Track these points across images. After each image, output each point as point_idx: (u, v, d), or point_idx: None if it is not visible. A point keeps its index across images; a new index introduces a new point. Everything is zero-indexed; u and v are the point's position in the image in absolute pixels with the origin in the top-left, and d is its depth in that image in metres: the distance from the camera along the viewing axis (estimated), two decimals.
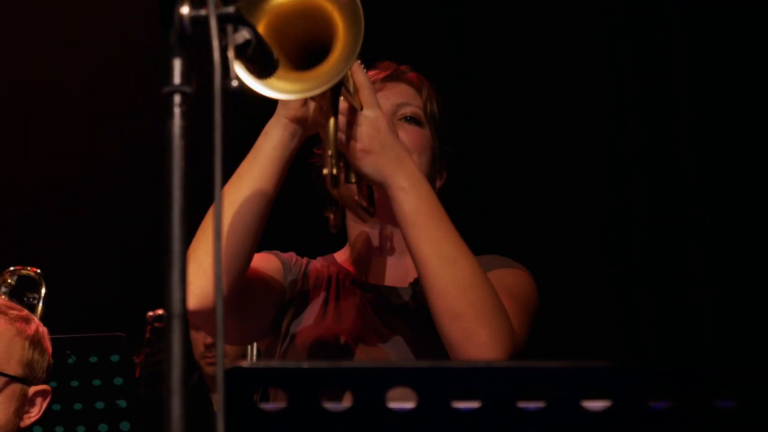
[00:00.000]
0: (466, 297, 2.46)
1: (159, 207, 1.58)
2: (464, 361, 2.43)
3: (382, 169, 2.52)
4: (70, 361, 3.91)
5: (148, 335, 4.99)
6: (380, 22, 4.72)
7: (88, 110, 5.47)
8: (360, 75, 2.53)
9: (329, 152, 2.44)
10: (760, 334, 3.65)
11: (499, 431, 1.59)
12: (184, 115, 1.59)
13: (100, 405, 3.93)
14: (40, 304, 4.53)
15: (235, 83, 1.63)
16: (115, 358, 3.92)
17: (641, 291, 4.11)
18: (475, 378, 1.61)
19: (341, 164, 2.51)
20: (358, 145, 2.50)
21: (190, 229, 1.58)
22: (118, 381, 3.93)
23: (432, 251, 2.50)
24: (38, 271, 4.60)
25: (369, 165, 2.51)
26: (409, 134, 2.84)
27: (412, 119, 2.87)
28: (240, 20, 1.77)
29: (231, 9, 1.67)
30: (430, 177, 2.86)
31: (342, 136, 2.50)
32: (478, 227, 4.74)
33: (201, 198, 1.62)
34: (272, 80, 2.31)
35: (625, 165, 4.26)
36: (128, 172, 5.25)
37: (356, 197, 2.63)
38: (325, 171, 2.44)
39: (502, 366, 1.65)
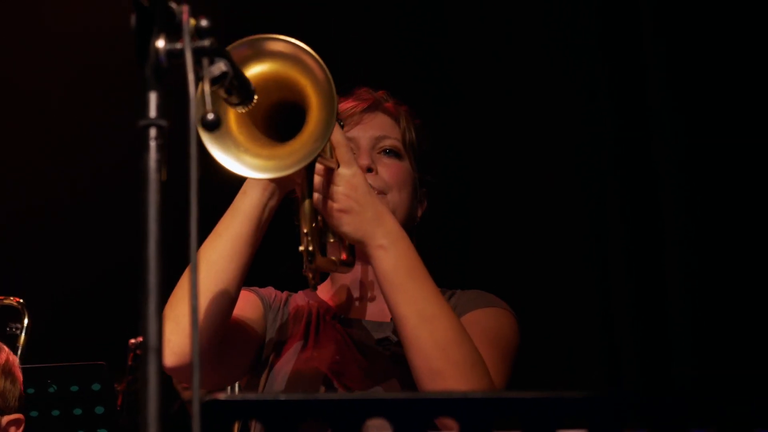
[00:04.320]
0: (445, 356, 2.47)
1: (138, 238, 1.59)
2: (440, 391, 2.44)
3: (361, 228, 2.51)
4: (51, 390, 3.90)
5: (130, 363, 4.99)
6: (358, 43, 4.78)
7: (70, 140, 5.46)
8: (336, 133, 2.49)
9: (305, 230, 2.45)
10: (739, 359, 3.67)
11: None
12: (160, 148, 1.60)
13: None
14: (23, 334, 4.53)
15: (211, 116, 1.64)
16: (96, 387, 3.91)
17: (618, 319, 4.14)
18: (451, 408, 1.62)
19: (316, 230, 2.52)
20: (336, 205, 2.50)
21: (165, 261, 1.59)
22: (99, 410, 3.92)
23: (411, 310, 2.51)
24: (21, 300, 4.60)
25: (347, 224, 2.51)
26: (389, 169, 2.85)
27: (391, 152, 2.87)
28: (216, 53, 1.78)
29: (206, 42, 1.68)
30: (411, 209, 2.87)
31: (319, 196, 2.50)
32: (458, 255, 4.77)
33: (178, 232, 1.62)
34: (246, 157, 2.34)
35: (601, 186, 4.29)
36: (109, 201, 5.25)
37: (333, 260, 2.63)
38: (301, 248, 2.44)
39: (477, 396, 1.65)
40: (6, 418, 3.06)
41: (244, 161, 2.36)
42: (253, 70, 2.32)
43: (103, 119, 5.23)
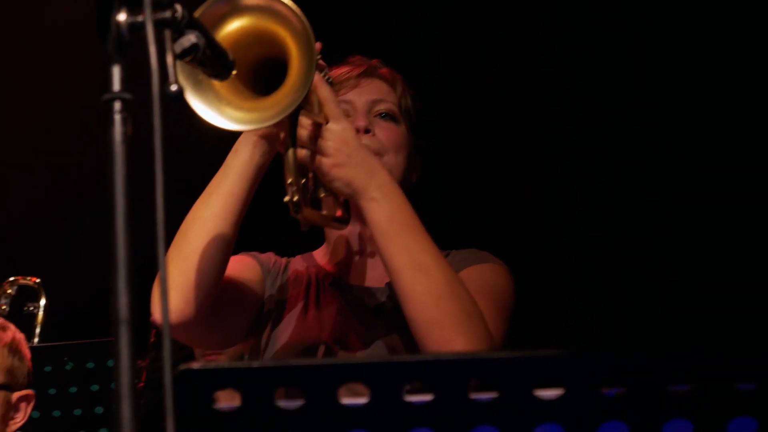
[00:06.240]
0: (441, 306, 2.47)
1: (149, 212, 1.60)
2: (414, 354, 2.45)
3: (353, 182, 2.51)
4: (68, 367, 3.94)
5: (152, 339, 5.02)
6: (350, 13, 4.76)
7: (77, 121, 5.48)
8: (323, 89, 2.50)
9: (289, 180, 2.45)
10: (728, 323, 3.70)
11: (451, 423, 1.59)
12: (125, 121, 1.60)
13: (99, 410, 3.96)
14: (41, 312, 4.57)
15: (174, 88, 1.64)
16: (111, 363, 3.94)
17: (612, 283, 4.17)
18: (426, 371, 1.62)
19: (307, 185, 2.52)
20: (326, 160, 2.49)
21: (134, 235, 1.60)
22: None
23: (405, 261, 2.50)
24: (38, 280, 4.65)
25: (339, 179, 2.51)
26: (385, 131, 2.84)
27: (387, 116, 2.86)
28: (184, 24, 1.77)
29: (168, 14, 1.68)
30: (407, 173, 2.87)
31: (307, 152, 2.49)
32: (455, 219, 4.77)
33: (147, 206, 1.62)
34: (227, 109, 2.34)
35: (594, 163, 4.33)
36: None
37: (324, 214, 2.64)
38: (286, 198, 2.45)
39: (451, 358, 1.65)
40: (16, 395, 3.10)
41: (226, 113, 2.35)
42: (232, 26, 2.32)
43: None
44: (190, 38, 1.80)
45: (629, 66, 4.14)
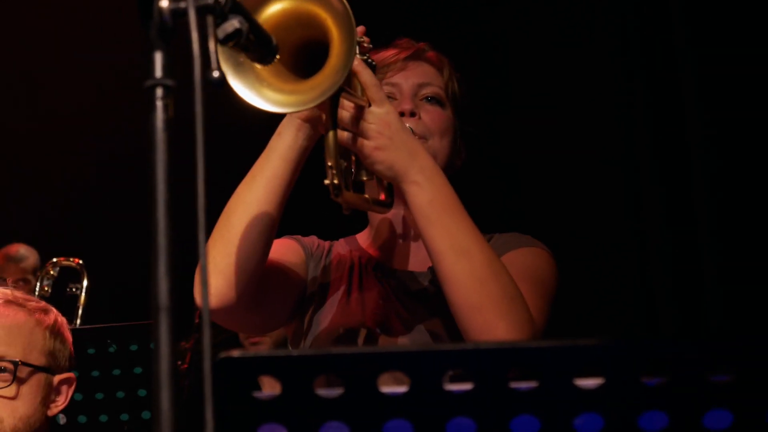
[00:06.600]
0: (483, 289, 2.46)
1: (190, 196, 1.60)
2: (454, 343, 2.44)
3: (394, 165, 2.50)
4: (111, 350, 3.95)
5: (197, 321, 5.05)
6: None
7: (119, 100, 5.51)
8: (364, 74, 2.49)
9: (329, 163, 2.43)
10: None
11: (492, 412, 1.58)
12: (167, 107, 1.60)
13: (142, 393, 3.97)
14: (83, 294, 4.60)
15: (216, 74, 1.64)
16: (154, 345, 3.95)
17: (655, 272, 4.16)
18: (465, 360, 1.62)
19: (349, 168, 2.52)
20: (368, 142, 2.49)
21: (175, 222, 1.60)
22: None
23: (447, 245, 2.49)
24: (80, 261, 4.67)
25: (380, 162, 2.50)
26: (430, 115, 2.83)
27: (433, 99, 2.86)
28: (227, 10, 1.77)
29: (211, 0, 1.68)
30: (451, 157, 2.86)
31: (349, 135, 2.49)
32: (498, 204, 4.77)
33: (188, 191, 1.62)
34: (267, 91, 2.33)
35: (637, 149, 4.32)
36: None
37: (366, 197, 2.63)
38: (326, 182, 2.43)
39: (492, 347, 1.64)
40: (58, 378, 3.11)
41: (266, 96, 2.35)
42: (274, 8, 2.32)
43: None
44: (233, 23, 1.80)
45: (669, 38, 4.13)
